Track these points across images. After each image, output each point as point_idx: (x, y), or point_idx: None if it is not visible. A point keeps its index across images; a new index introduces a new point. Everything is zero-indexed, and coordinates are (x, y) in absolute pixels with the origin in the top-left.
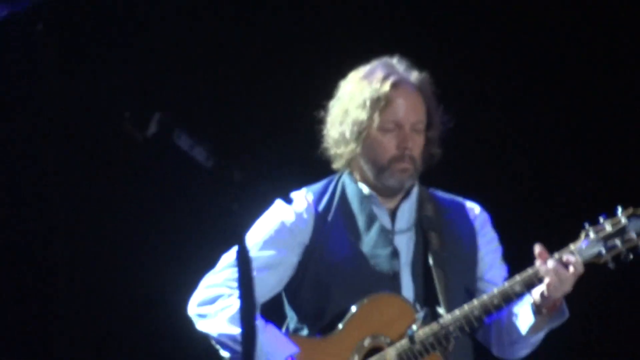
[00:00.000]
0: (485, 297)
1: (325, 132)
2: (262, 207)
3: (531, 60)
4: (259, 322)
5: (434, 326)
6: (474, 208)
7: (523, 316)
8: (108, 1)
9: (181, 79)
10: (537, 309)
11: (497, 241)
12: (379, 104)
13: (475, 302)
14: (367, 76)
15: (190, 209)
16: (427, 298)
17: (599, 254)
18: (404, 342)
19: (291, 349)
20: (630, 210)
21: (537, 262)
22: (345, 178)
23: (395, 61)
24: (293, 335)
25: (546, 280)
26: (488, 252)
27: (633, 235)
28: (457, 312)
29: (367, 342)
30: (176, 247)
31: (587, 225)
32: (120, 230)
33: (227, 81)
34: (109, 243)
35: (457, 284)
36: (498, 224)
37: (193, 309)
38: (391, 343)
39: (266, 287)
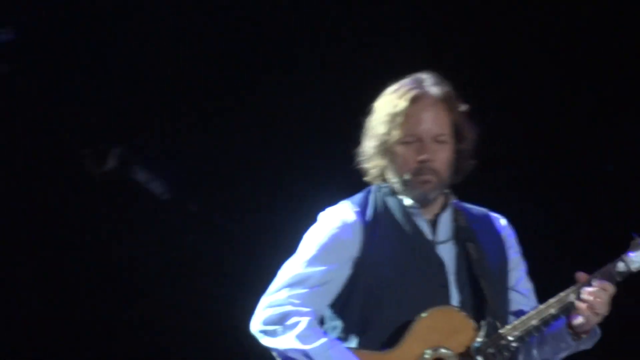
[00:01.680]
0: (541, 307)
1: (361, 146)
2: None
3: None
4: (327, 338)
5: (494, 337)
6: (500, 220)
7: (557, 337)
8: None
9: (139, 113)
10: (574, 333)
11: (521, 254)
12: (398, 118)
13: (531, 312)
14: (394, 92)
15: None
16: (474, 308)
17: None
18: (466, 354)
19: None
20: None
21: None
22: (384, 190)
23: (425, 76)
24: (355, 349)
25: (586, 306)
26: (517, 264)
27: None
28: (515, 322)
29: (428, 355)
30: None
31: (636, 236)
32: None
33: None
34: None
35: (499, 294)
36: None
37: (258, 326)
38: (453, 355)
39: (322, 303)
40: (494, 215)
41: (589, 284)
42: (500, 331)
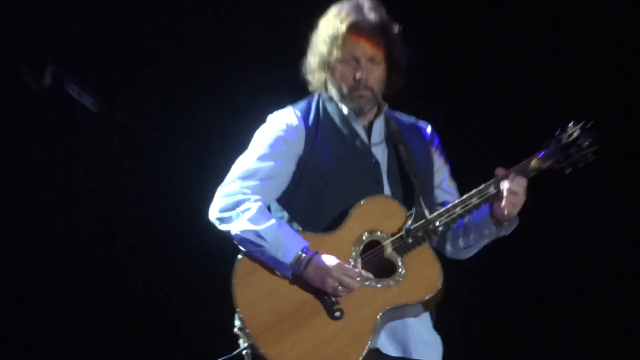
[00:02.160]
0: (465, 197)
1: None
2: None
3: None
4: (275, 219)
5: (423, 222)
6: (426, 126)
7: (481, 225)
8: None
9: (71, 29)
10: (496, 220)
11: (446, 157)
12: (337, 41)
13: (456, 201)
14: (336, 14)
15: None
16: (404, 200)
17: (558, 161)
18: (398, 236)
19: (304, 242)
20: (581, 123)
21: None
22: (325, 97)
23: (364, 0)
24: (300, 231)
25: (505, 198)
26: (441, 165)
27: (585, 144)
28: (442, 210)
29: (365, 237)
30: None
31: (546, 138)
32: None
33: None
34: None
35: (426, 189)
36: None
37: (215, 214)
38: (386, 237)
39: (270, 194)
40: (421, 122)
41: (506, 178)
42: (428, 217)
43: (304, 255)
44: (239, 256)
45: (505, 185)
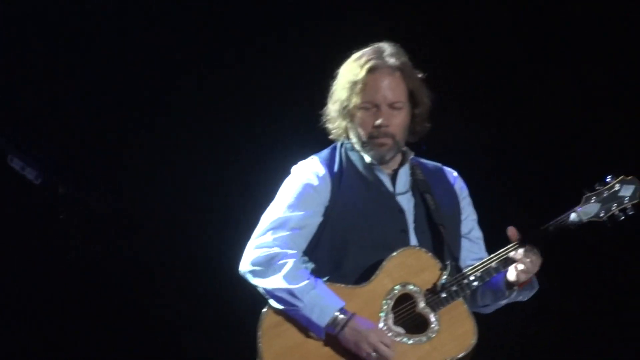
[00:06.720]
0: (501, 251)
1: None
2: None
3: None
4: (311, 278)
5: (457, 276)
6: (452, 173)
7: (497, 289)
8: None
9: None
10: (509, 285)
11: (473, 205)
12: (357, 86)
13: (492, 255)
14: (355, 60)
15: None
16: (432, 250)
17: (598, 215)
18: (431, 290)
19: (340, 302)
20: (620, 177)
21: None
22: (347, 146)
23: (385, 46)
24: (329, 283)
25: (518, 265)
26: (469, 214)
27: (625, 198)
28: (477, 264)
29: (397, 290)
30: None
31: (586, 191)
32: None
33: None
34: None
35: (453, 239)
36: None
37: (247, 267)
38: (419, 291)
39: (301, 245)
40: (447, 169)
41: (526, 243)
42: (463, 271)
43: (341, 316)
44: (265, 308)
45: (519, 252)
